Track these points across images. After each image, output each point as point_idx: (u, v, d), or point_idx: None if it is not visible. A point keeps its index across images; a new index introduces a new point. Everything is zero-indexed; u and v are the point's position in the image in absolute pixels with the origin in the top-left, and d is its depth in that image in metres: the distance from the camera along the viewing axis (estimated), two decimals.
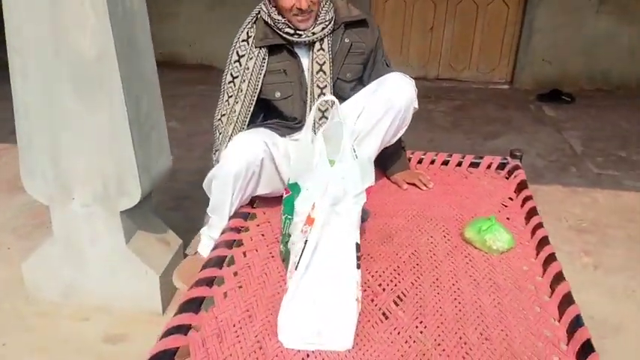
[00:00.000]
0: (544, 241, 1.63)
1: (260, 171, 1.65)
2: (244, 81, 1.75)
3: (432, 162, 2.20)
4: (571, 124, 3.97)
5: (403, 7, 4.74)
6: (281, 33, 1.72)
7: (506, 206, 1.90)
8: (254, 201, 1.82)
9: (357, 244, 1.27)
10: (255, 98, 1.77)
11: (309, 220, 1.28)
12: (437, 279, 1.47)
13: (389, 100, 1.77)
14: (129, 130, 1.67)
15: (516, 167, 2.11)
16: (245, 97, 1.75)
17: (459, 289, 1.42)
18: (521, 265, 1.56)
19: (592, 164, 3.32)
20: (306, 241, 1.24)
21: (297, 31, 1.72)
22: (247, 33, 1.77)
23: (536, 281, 1.47)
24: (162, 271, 1.90)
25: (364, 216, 1.78)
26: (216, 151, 1.80)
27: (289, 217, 1.44)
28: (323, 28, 1.73)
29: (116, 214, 1.81)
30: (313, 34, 1.72)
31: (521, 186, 1.99)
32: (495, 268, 1.53)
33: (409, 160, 2.14)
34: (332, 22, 1.75)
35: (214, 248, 1.54)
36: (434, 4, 4.70)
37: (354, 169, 1.35)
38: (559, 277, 1.44)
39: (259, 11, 1.76)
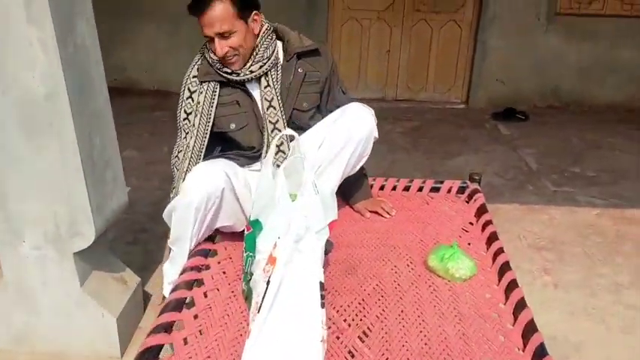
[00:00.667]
0: (505, 267, 1.64)
1: (220, 202, 1.61)
2: (197, 115, 1.73)
3: (394, 188, 2.21)
4: (525, 142, 4.08)
5: (360, 31, 4.81)
6: (219, 72, 1.73)
7: (467, 231, 1.92)
8: (214, 237, 1.78)
9: (320, 282, 1.25)
10: (209, 131, 1.74)
11: (272, 260, 1.26)
12: (402, 311, 1.46)
13: (349, 131, 1.77)
14: (81, 169, 1.61)
15: (475, 191, 2.13)
16: (198, 131, 1.73)
17: (424, 320, 1.41)
18: (484, 293, 1.56)
19: (547, 181, 3.40)
20: (269, 281, 1.21)
21: (235, 71, 1.73)
22: (197, 69, 1.77)
23: (499, 309, 1.48)
24: (119, 313, 1.83)
25: (327, 248, 1.76)
26: (173, 188, 1.76)
27: (251, 254, 1.41)
28: (261, 66, 1.73)
29: (69, 256, 1.73)
30: (251, 72, 1.73)
31: (481, 210, 2.01)
32: (459, 297, 1.53)
33: (371, 187, 2.14)
34: (272, 58, 1.75)
35: (173, 290, 1.49)
36: (389, 27, 4.78)
37: (316, 204, 1.34)
38: (521, 304, 1.45)
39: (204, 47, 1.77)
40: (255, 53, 1.73)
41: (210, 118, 1.73)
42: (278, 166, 1.52)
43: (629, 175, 3.51)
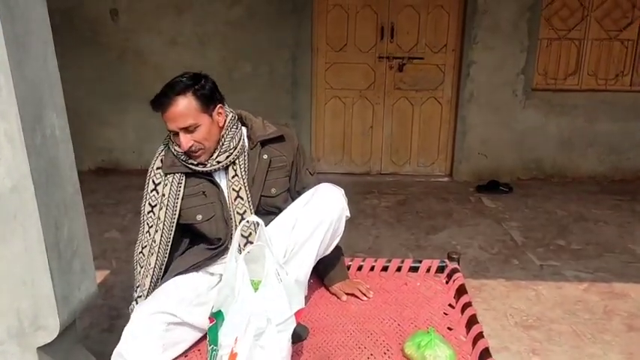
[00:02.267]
0: (485, 354, 1.58)
1: (174, 341, 1.56)
2: (161, 208, 1.71)
3: (372, 268, 2.16)
4: (510, 215, 4.08)
5: (343, 108, 4.92)
6: (185, 163, 1.72)
7: (446, 314, 1.87)
8: None
9: None
10: (175, 224, 1.71)
11: (233, 356, 1.21)
12: None
13: (321, 212, 1.75)
14: (46, 260, 1.56)
15: (455, 270, 2.10)
16: (164, 224, 1.70)
17: None
18: None
19: (533, 255, 3.37)
20: None
21: (198, 161, 1.72)
22: (161, 160, 1.76)
23: None
24: None
25: (302, 334, 1.70)
26: (137, 287, 1.71)
27: (215, 348, 1.36)
28: (228, 156, 1.73)
29: (32, 351, 1.66)
30: (218, 162, 1.72)
31: (461, 291, 1.97)
32: None
33: (348, 267, 2.11)
34: (239, 147, 1.75)
35: None
36: (372, 105, 4.90)
37: (280, 293, 1.31)
38: None
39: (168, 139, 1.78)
40: (221, 143, 1.73)
41: (176, 210, 1.71)
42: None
43: (614, 247, 3.49)
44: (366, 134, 4.99)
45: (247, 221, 1.60)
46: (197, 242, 1.79)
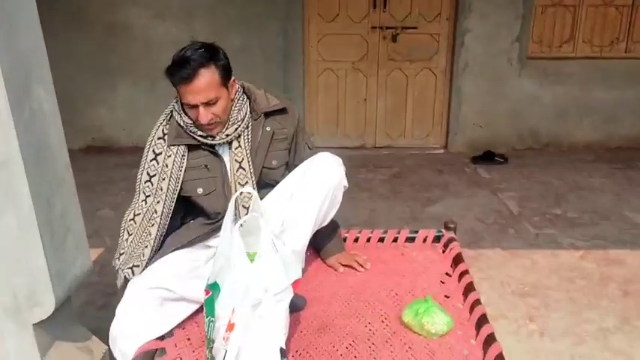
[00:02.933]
0: (483, 320, 1.58)
1: (169, 315, 1.56)
2: (164, 179, 1.67)
3: (368, 240, 2.16)
4: (506, 185, 4.08)
5: (336, 81, 4.87)
6: (194, 135, 1.68)
7: (443, 283, 1.87)
8: None
9: (281, 349, 1.19)
10: (176, 196, 1.69)
11: (230, 326, 1.20)
12: None
13: (318, 182, 1.74)
14: (39, 237, 1.55)
15: (451, 240, 2.09)
16: (166, 195, 1.66)
17: None
18: (461, 349, 1.50)
19: (529, 224, 3.38)
20: (226, 351, 1.14)
21: (208, 133, 1.68)
22: (162, 130, 1.71)
23: None
24: None
25: (300, 304, 1.70)
26: (121, 254, 1.67)
27: (212, 319, 1.34)
28: (236, 129, 1.70)
29: (29, 328, 1.65)
30: (227, 135, 1.70)
31: (457, 260, 1.97)
32: (435, 354, 1.47)
33: (345, 239, 2.10)
34: (245, 119, 1.73)
35: None
36: (365, 77, 4.84)
37: (276, 263, 1.29)
38: None
39: (172, 109, 1.72)
40: (229, 115, 1.69)
41: (178, 182, 1.68)
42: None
43: (610, 215, 3.50)
44: (360, 106, 4.94)
45: (241, 193, 1.58)
46: (194, 215, 1.78)
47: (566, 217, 3.48)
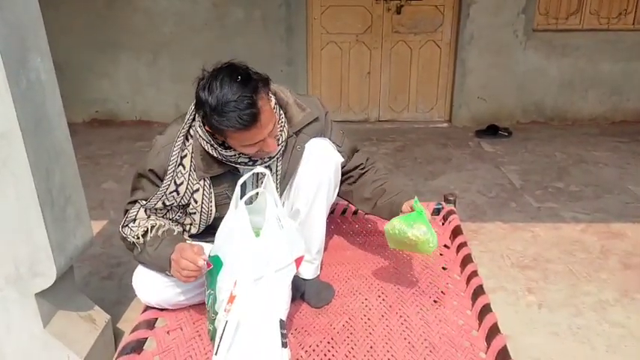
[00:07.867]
0: (479, 291, 1.60)
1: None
2: (195, 213, 1.55)
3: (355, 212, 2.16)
4: (509, 159, 4.06)
5: (339, 54, 4.81)
6: (232, 164, 1.50)
7: (442, 254, 1.88)
8: None
9: (281, 321, 1.20)
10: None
11: (231, 299, 1.21)
12: (371, 347, 1.41)
13: (318, 173, 1.60)
14: (39, 208, 1.56)
15: (451, 212, 2.10)
16: (199, 225, 1.58)
17: (393, 355, 1.36)
18: (457, 320, 1.52)
19: (531, 198, 3.37)
20: (227, 322, 1.16)
21: (252, 158, 1.50)
22: (180, 158, 1.50)
23: (471, 337, 1.43)
24: (86, 354, 1.77)
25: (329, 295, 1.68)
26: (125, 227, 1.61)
27: (212, 292, 1.36)
28: (279, 149, 1.53)
29: (31, 297, 1.67)
30: (270, 158, 1.53)
31: (456, 232, 1.98)
32: (430, 325, 1.49)
33: (344, 211, 2.11)
34: (286, 137, 1.54)
35: (133, 330, 1.44)
36: (369, 50, 4.78)
37: (280, 240, 1.30)
38: (494, 331, 1.40)
39: (189, 129, 1.50)
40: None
41: (211, 216, 1.56)
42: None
43: (613, 188, 3.48)
44: (364, 80, 4.90)
45: (253, 173, 1.46)
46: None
47: (569, 191, 3.47)
